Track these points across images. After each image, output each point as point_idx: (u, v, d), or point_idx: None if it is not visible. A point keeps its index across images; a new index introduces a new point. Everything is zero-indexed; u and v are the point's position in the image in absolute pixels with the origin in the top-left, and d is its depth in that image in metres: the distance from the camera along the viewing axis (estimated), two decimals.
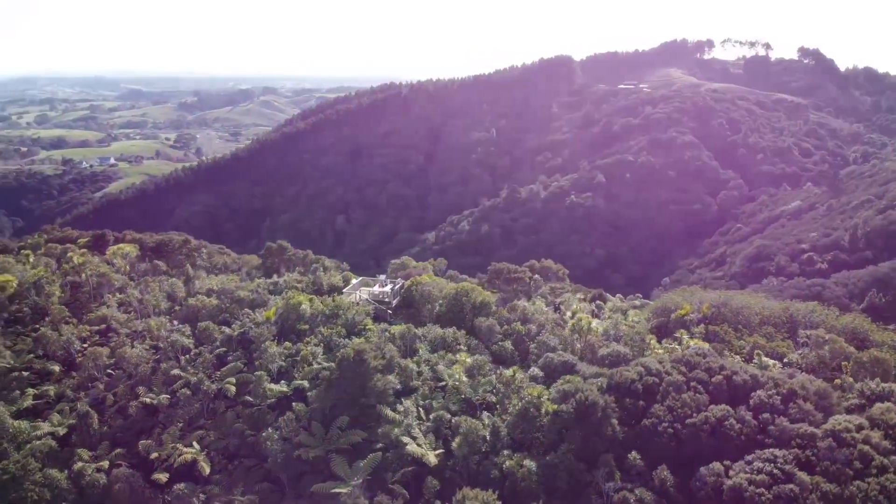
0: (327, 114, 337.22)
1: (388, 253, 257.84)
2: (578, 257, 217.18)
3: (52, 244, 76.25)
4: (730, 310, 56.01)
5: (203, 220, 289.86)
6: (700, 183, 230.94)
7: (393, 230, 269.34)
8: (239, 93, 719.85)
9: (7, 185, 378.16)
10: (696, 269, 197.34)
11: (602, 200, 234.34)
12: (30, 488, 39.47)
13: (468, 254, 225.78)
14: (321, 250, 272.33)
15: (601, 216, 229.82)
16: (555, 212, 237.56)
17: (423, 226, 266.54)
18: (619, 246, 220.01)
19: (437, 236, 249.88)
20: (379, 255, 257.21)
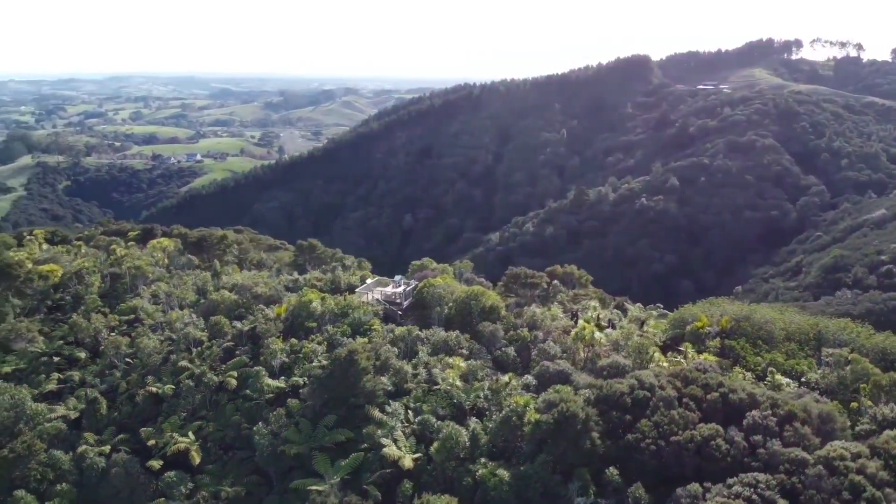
0: (400, 115, 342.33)
1: (452, 253, 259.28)
2: (647, 262, 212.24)
3: (103, 237, 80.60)
4: (751, 324, 53.26)
5: (279, 216, 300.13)
6: (779, 188, 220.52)
7: (458, 230, 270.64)
8: (322, 93, 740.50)
9: (101, 178, 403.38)
10: (770, 278, 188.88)
11: (674, 204, 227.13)
12: (34, 468, 42.04)
13: (532, 255, 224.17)
14: (388, 248, 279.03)
15: (672, 220, 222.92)
16: (624, 215, 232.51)
17: (489, 226, 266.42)
18: (690, 252, 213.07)
19: (501, 237, 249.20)
20: (443, 254, 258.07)
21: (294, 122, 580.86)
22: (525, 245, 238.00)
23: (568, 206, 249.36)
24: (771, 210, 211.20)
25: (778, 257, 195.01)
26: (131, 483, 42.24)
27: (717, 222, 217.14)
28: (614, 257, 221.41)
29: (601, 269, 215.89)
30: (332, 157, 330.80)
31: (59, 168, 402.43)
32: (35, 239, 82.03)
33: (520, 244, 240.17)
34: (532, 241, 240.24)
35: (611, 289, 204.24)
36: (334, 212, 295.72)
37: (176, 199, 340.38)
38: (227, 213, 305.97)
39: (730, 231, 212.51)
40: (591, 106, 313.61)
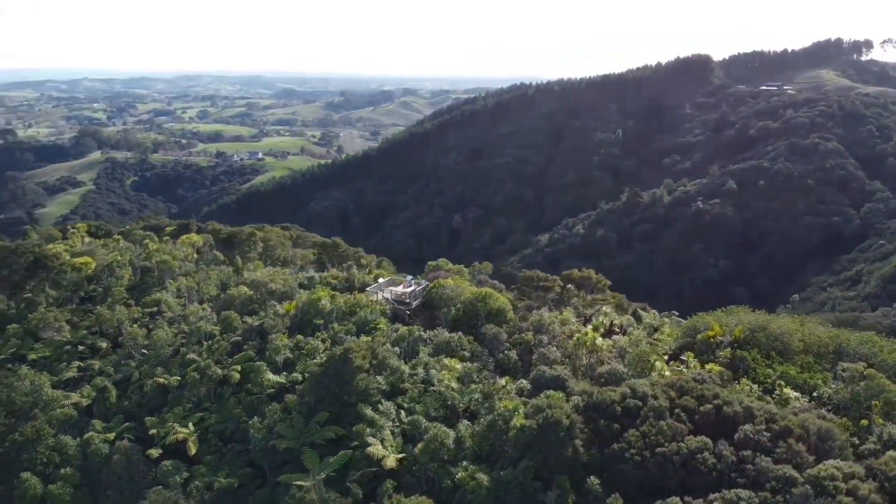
0: (453, 115, 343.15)
1: (500, 253, 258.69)
2: (700, 268, 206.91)
3: (140, 231, 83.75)
4: (767, 334, 51.11)
5: (332, 214, 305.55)
6: (842, 194, 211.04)
7: (507, 230, 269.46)
8: (381, 93, 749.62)
9: (167, 174, 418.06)
10: (829, 286, 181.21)
11: (731, 208, 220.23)
12: (41, 452, 44.12)
13: (581, 258, 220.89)
14: (437, 248, 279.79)
15: (729, 225, 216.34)
16: (678, 218, 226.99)
17: (538, 227, 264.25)
18: (746, 258, 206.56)
19: (550, 238, 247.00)
20: (491, 255, 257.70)
21: (353, 122, 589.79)
22: (574, 247, 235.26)
23: (620, 208, 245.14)
24: (832, 216, 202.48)
25: (838, 265, 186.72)
26: (131, 470, 43.87)
27: (775, 228, 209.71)
28: (666, 262, 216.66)
29: (652, 274, 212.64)
30: (385, 156, 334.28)
31: (128, 164, 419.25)
32: (78, 232, 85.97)
33: (569, 246, 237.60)
34: (582, 243, 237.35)
35: (662, 294, 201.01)
36: (386, 211, 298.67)
37: (236, 195, 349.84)
38: (284, 210, 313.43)
39: (788, 237, 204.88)
40: (648, 106, 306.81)
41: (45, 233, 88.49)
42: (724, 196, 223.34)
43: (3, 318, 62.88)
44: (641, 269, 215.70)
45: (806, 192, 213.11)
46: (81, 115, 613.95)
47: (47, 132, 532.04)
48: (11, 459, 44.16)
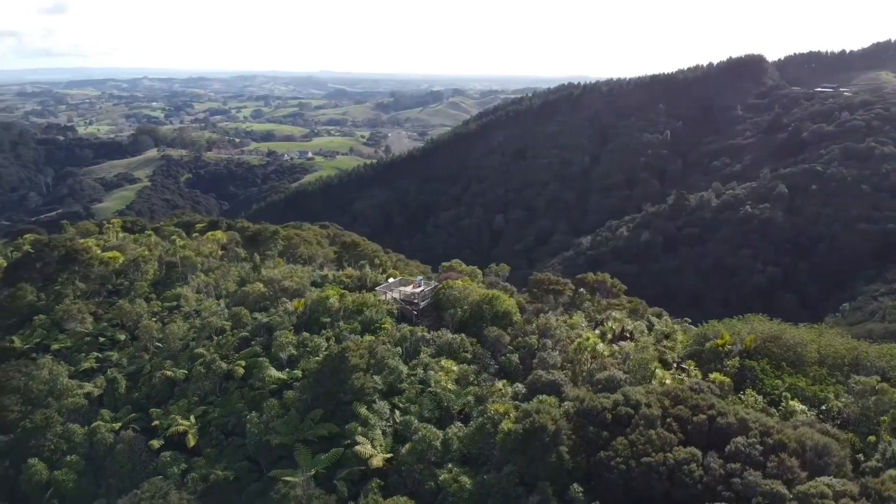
0: (498, 115, 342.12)
1: (542, 255, 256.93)
2: (747, 273, 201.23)
3: (170, 227, 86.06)
4: (780, 345, 49.38)
5: (376, 213, 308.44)
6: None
7: (549, 232, 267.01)
8: (430, 94, 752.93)
9: (220, 171, 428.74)
10: (880, 296, 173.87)
11: (781, 213, 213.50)
12: (49, 439, 45.83)
13: (624, 261, 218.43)
14: (478, 248, 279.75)
15: (778, 230, 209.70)
16: (726, 222, 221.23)
17: (581, 229, 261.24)
18: (795, 265, 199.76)
19: (592, 241, 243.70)
20: (533, 256, 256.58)
21: (402, 122, 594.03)
22: (617, 250, 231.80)
23: (666, 211, 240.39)
24: (887, 223, 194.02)
25: (891, 274, 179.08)
26: (133, 459, 45.15)
27: (826, 234, 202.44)
28: (713, 267, 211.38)
29: (697, 279, 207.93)
30: (429, 157, 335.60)
31: (182, 161, 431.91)
32: (112, 227, 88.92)
33: (612, 249, 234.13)
34: (625, 246, 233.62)
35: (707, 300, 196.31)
36: (428, 210, 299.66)
37: (284, 194, 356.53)
38: (330, 208, 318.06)
39: (840, 244, 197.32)
40: (697, 107, 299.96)
41: (82, 227, 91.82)
42: (774, 200, 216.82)
43: (33, 308, 65.52)
44: (686, 274, 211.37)
45: (860, 197, 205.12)
46: (140, 113, 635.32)
47: (107, 129, 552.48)
48: (21, 445, 45.96)
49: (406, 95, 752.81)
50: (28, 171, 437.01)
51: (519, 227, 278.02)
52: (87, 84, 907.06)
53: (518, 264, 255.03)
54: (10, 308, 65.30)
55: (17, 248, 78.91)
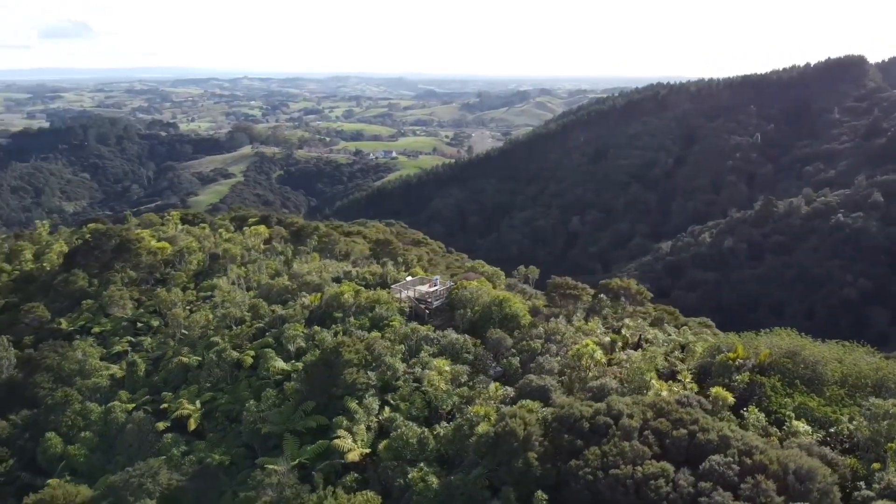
0: (579, 115, 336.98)
1: (618, 259, 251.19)
2: (836, 286, 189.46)
3: (221, 221, 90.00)
4: (797, 361, 46.34)
5: (452, 212, 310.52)
6: None
7: (628, 235, 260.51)
8: (516, 94, 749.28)
9: (309, 169, 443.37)
10: None
11: (876, 223, 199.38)
12: (68, 415, 49.12)
13: (705, 268, 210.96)
14: (552, 250, 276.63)
15: (872, 241, 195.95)
16: (815, 231, 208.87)
17: (661, 233, 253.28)
18: (889, 278, 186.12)
19: (672, 246, 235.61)
20: (608, 260, 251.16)
21: (487, 122, 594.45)
22: (698, 256, 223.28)
23: (752, 217, 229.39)
24: None
25: None
26: (141, 439, 47.75)
27: None
28: (798, 277, 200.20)
29: (781, 290, 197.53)
30: (508, 156, 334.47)
31: (275, 158, 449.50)
32: (172, 219, 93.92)
33: (692, 255, 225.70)
34: (707, 252, 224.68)
35: (790, 311, 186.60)
36: (504, 210, 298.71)
37: (366, 192, 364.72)
38: (408, 207, 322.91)
39: None
40: (791, 109, 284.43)
41: (145, 219, 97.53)
42: (868, 209, 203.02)
43: (84, 293, 70.29)
44: (770, 284, 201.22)
45: None
46: (239, 111, 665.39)
47: (207, 126, 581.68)
48: (42, 420, 49.52)
49: (492, 95, 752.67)
50: (132, 164, 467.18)
51: (596, 229, 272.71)
52: (191, 83, 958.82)
53: (593, 268, 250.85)
54: (63, 292, 70.36)
55: (80, 237, 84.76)
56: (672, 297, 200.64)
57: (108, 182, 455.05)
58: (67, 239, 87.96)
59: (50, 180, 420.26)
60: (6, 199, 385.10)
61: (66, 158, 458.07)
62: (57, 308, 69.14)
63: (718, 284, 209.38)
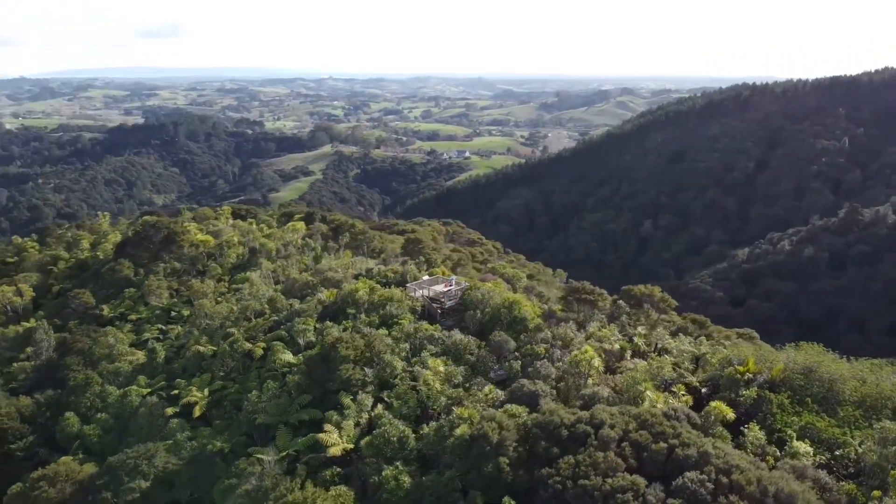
0: (656, 115, 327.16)
1: (692, 265, 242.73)
2: None
3: (267, 217, 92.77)
4: (811, 378, 43.55)
5: (520, 213, 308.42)
6: None
7: (703, 241, 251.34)
8: (597, 93, 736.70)
9: (385, 168, 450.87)
10: None
11: None
12: (87, 397, 51.88)
13: (783, 277, 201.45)
14: (622, 254, 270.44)
15: None
16: None
17: (739, 240, 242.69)
18: None
19: (749, 254, 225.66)
20: (681, 266, 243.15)
21: (564, 122, 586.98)
22: (776, 265, 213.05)
23: (836, 225, 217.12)
24: None
25: None
26: (151, 422, 49.86)
27: None
28: (883, 291, 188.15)
29: (864, 303, 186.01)
30: (580, 157, 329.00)
31: (352, 157, 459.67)
32: (223, 213, 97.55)
33: (770, 263, 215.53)
34: (785, 261, 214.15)
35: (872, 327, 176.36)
36: (574, 212, 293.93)
37: (436, 191, 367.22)
38: (476, 206, 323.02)
39: None
40: (884, 113, 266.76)
41: (200, 213, 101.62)
42: None
43: (128, 282, 74.05)
44: (852, 297, 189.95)
45: None
46: (322, 111, 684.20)
47: (292, 125, 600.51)
48: (65, 400, 52.52)
49: (571, 95, 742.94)
50: (218, 160, 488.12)
51: (669, 234, 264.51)
52: (279, 83, 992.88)
53: (664, 274, 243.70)
54: (109, 280, 74.36)
55: (134, 228, 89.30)
56: (747, 307, 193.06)
57: (196, 177, 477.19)
58: (123, 230, 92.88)
59: (142, 174, 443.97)
60: (100, 190, 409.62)
61: (158, 153, 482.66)
62: (103, 295, 73.19)
63: (796, 295, 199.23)
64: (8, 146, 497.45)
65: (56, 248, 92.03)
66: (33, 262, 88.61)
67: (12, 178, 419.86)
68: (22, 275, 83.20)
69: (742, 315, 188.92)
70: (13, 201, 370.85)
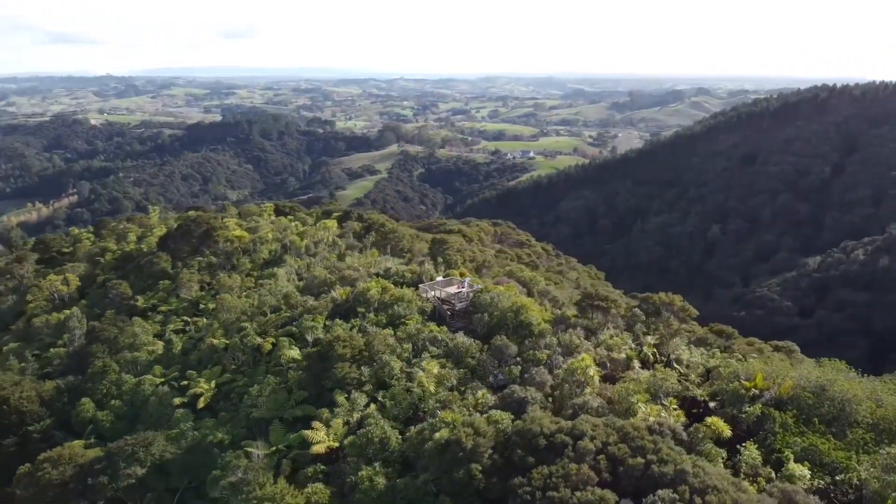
0: (728, 116, 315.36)
1: (760, 273, 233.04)
2: None
3: (303, 214, 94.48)
4: (822, 397, 40.89)
5: (581, 214, 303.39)
6: None
7: (772, 248, 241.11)
8: (671, 93, 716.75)
9: (448, 168, 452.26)
10: None
11: None
12: (104, 384, 54.04)
13: (855, 288, 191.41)
14: (687, 259, 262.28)
15: None
16: None
17: (811, 248, 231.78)
18: None
19: (821, 262, 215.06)
20: (749, 273, 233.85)
21: (636, 122, 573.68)
22: (848, 275, 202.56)
23: None
24: None
25: None
26: (160, 411, 51.53)
27: None
28: None
29: None
30: (646, 158, 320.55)
31: (418, 157, 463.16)
32: (266, 210, 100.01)
33: (842, 273, 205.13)
34: (859, 271, 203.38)
35: None
36: (637, 215, 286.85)
37: (497, 192, 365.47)
38: (536, 208, 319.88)
39: None
40: None
41: (245, 209, 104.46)
42: None
43: (165, 275, 76.79)
44: None
45: None
46: (392, 111, 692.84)
47: (363, 125, 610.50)
48: (83, 386, 54.87)
49: (644, 95, 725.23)
50: (290, 158, 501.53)
51: (737, 239, 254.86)
52: (352, 83, 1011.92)
53: (730, 281, 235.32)
54: (148, 272, 77.36)
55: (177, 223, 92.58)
56: (816, 318, 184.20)
57: (268, 174, 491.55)
58: (169, 225, 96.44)
59: (217, 170, 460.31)
60: (177, 185, 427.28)
61: (233, 150, 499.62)
62: (140, 286, 76.24)
63: (869, 306, 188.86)
64: (93, 141, 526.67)
65: (107, 240, 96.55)
66: (84, 252, 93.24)
67: (96, 172, 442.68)
68: (71, 265, 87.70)
69: (810, 326, 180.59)
70: (95, 193, 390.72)
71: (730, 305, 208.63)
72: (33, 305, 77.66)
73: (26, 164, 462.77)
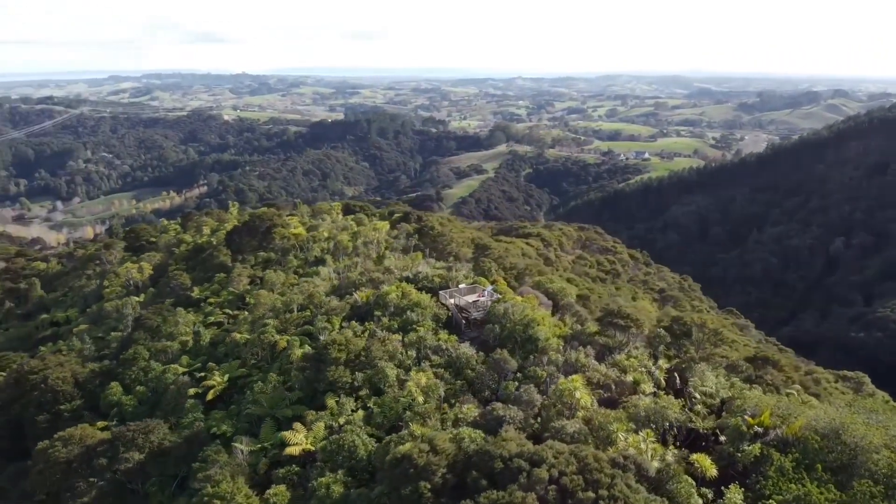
0: (858, 121, 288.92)
1: (886, 292, 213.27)
2: None
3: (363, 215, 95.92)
4: (831, 442, 36.26)
5: (692, 220, 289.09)
6: None
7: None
8: (805, 94, 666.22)
9: (556, 168, 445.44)
10: None
11: None
12: (133, 370, 57.26)
13: None
14: (805, 274, 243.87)
15: None
16: None
17: None
18: None
19: None
20: (874, 292, 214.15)
21: (765, 124, 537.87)
22: None
23: None
24: None
25: None
26: (177, 399, 53.94)
27: None
28: None
29: None
30: (767, 163, 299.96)
31: (526, 157, 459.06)
32: (334, 209, 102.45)
33: None
34: None
35: None
36: (754, 224, 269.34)
37: (601, 194, 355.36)
38: (644, 211, 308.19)
39: None
40: None
41: (317, 208, 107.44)
42: None
43: (223, 268, 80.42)
44: None
45: None
46: (507, 111, 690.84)
47: (476, 125, 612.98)
48: (115, 371, 58.43)
49: (775, 96, 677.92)
50: (404, 156, 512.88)
51: (863, 254, 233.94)
52: (470, 83, 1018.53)
53: (852, 299, 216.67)
54: (207, 265, 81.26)
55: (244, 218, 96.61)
56: None
57: (382, 171, 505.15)
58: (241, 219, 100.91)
59: (336, 167, 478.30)
60: (298, 180, 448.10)
61: (352, 148, 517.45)
62: (201, 278, 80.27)
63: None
64: (224, 135, 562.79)
65: (189, 232, 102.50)
66: (164, 243, 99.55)
67: (225, 165, 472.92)
68: (148, 254, 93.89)
69: None
70: (223, 185, 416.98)
71: (848, 325, 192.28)
72: (109, 290, 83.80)
73: (164, 155, 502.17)
